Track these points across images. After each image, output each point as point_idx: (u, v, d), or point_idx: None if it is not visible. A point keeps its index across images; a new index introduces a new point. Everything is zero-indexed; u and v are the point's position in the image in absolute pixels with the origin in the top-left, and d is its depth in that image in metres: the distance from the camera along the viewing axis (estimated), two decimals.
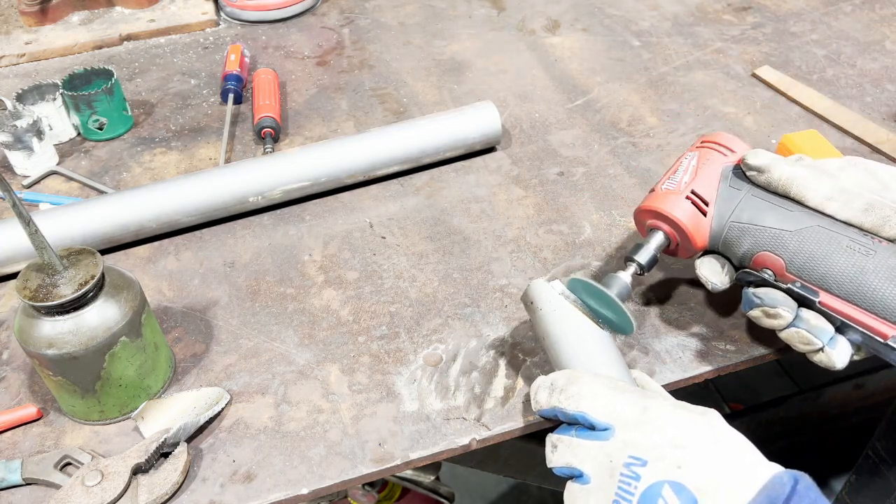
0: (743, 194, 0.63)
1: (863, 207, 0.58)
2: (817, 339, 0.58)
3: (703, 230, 0.64)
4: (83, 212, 0.80)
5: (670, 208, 0.64)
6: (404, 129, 0.88)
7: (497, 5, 1.26)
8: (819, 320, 0.59)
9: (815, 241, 0.59)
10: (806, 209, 0.60)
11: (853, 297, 0.58)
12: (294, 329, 0.73)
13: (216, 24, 1.23)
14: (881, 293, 0.56)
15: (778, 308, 0.59)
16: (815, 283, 0.59)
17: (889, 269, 0.56)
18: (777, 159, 0.62)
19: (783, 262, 0.60)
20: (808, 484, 0.46)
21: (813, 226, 0.59)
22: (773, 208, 0.61)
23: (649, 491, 0.48)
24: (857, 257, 0.57)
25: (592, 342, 0.59)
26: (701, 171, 0.65)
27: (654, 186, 0.66)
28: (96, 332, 0.60)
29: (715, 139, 0.67)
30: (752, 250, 0.62)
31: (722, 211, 0.63)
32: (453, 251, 0.80)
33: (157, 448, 0.60)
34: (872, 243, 0.57)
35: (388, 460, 0.62)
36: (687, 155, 0.67)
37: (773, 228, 0.61)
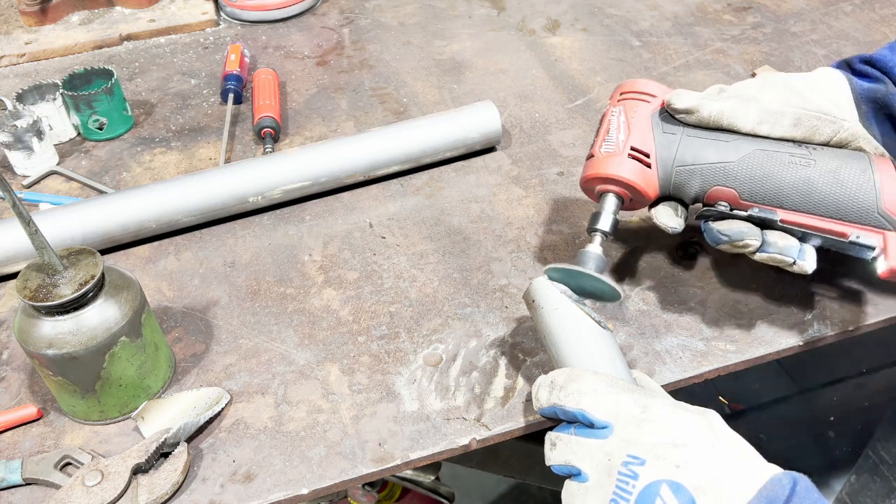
0: (679, 137, 0.64)
1: (792, 123, 0.62)
2: (788, 257, 0.61)
3: (652, 181, 0.65)
4: (83, 212, 0.80)
5: (616, 170, 0.64)
6: (404, 129, 0.88)
7: (497, 5, 1.26)
8: (784, 238, 0.62)
9: (759, 164, 0.62)
10: (741, 136, 0.63)
11: (807, 206, 0.61)
12: (294, 329, 0.73)
13: (216, 24, 1.23)
14: (830, 197, 0.60)
15: (745, 240, 0.62)
16: (769, 203, 0.62)
17: (829, 174, 0.60)
18: (700, 97, 0.64)
19: (735, 192, 0.63)
20: (807, 486, 0.46)
21: (752, 151, 0.62)
22: (711, 143, 0.63)
23: (647, 490, 0.48)
24: (799, 170, 0.61)
25: (593, 341, 0.59)
26: (632, 124, 0.65)
27: (592, 151, 0.67)
28: (96, 332, 0.60)
29: (633, 88, 0.67)
30: (703, 188, 0.64)
31: (664, 158, 0.64)
32: (453, 251, 0.80)
33: (157, 448, 0.60)
34: (809, 153, 0.61)
35: (388, 460, 0.62)
36: (612, 111, 0.67)
37: (717, 163, 0.63)
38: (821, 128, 0.61)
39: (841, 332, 0.70)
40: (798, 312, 0.71)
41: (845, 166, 0.60)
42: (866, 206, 0.60)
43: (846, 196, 0.60)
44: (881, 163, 0.61)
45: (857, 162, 0.61)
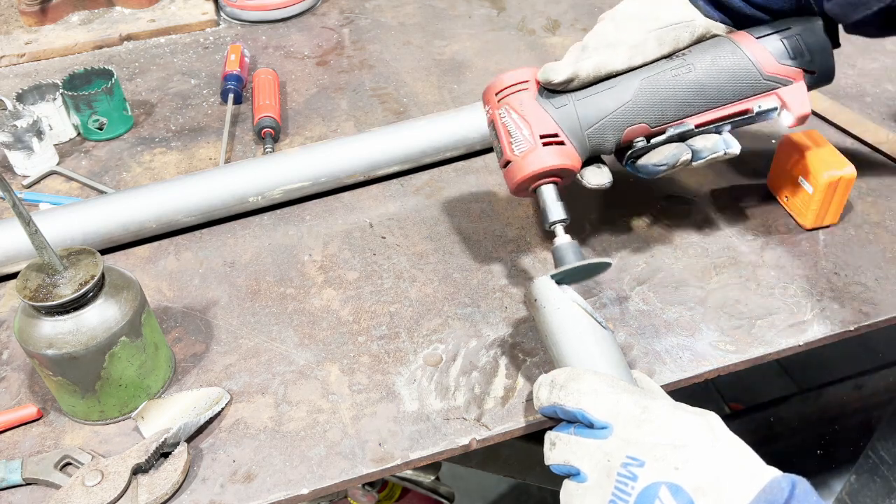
0: (572, 104, 0.67)
1: (656, 44, 0.67)
2: (718, 152, 0.67)
3: (573, 155, 0.67)
4: (83, 212, 0.80)
5: (541, 164, 0.66)
6: (404, 129, 0.88)
7: (497, 5, 1.26)
8: (707, 139, 0.68)
9: (651, 91, 0.66)
10: (623, 75, 0.67)
11: (708, 104, 0.67)
12: (294, 329, 0.73)
13: (216, 24, 1.23)
14: (721, 86, 0.66)
15: (679, 158, 0.67)
16: (676, 119, 0.67)
17: (709, 67, 0.66)
18: (572, 63, 0.66)
19: (645, 125, 0.67)
20: (806, 489, 0.46)
21: (639, 82, 0.66)
22: (602, 95, 0.67)
23: (646, 492, 0.48)
24: (685, 77, 0.66)
25: (594, 341, 0.59)
26: (526, 115, 0.67)
27: (506, 157, 0.67)
28: (96, 332, 0.60)
29: (503, 84, 0.68)
30: (617, 136, 0.68)
31: (572, 129, 0.67)
32: (453, 251, 0.80)
33: (157, 448, 0.60)
34: (684, 60, 0.67)
35: (388, 460, 0.62)
36: (499, 114, 0.68)
37: (617, 108, 0.66)
38: (680, 36, 0.67)
39: (841, 332, 0.70)
40: (798, 312, 0.71)
41: (718, 55, 0.67)
42: (752, 78, 0.67)
43: (733, 79, 0.66)
44: (741, 38, 0.68)
45: (724, 47, 0.67)
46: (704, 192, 0.86)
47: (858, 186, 0.84)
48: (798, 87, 0.68)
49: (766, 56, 0.67)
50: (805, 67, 0.68)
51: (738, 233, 0.80)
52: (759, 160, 0.88)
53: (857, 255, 0.77)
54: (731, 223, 0.81)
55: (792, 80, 0.68)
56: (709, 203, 0.84)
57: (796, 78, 0.68)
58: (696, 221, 0.82)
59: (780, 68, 0.67)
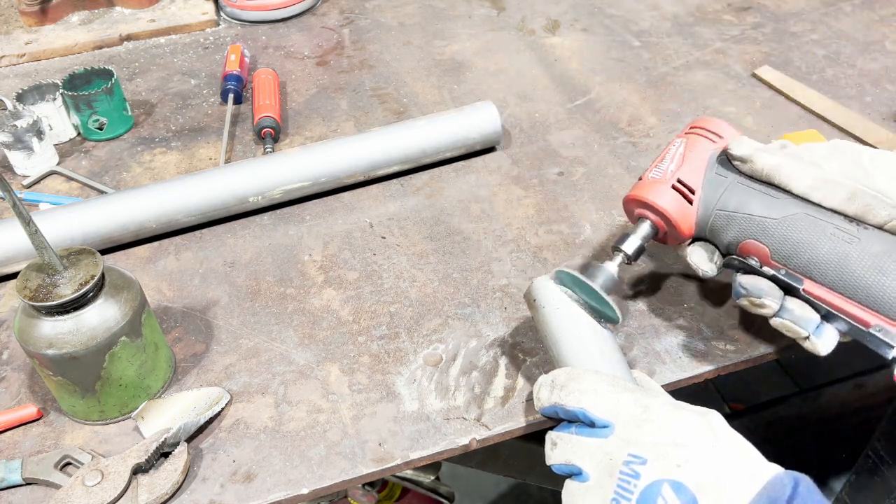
0: (728, 182, 0.63)
1: (846, 196, 0.58)
2: (803, 329, 0.59)
3: (690, 218, 0.64)
4: (83, 212, 0.80)
5: (655, 197, 0.64)
6: (404, 129, 0.88)
7: (497, 5, 1.26)
8: (804, 309, 0.59)
9: (800, 228, 0.59)
10: (791, 197, 0.61)
11: (837, 285, 0.58)
12: (294, 329, 0.73)
13: (216, 24, 1.23)
14: (864, 281, 0.56)
15: (763, 298, 0.59)
16: (799, 270, 0.60)
17: (872, 257, 0.56)
18: (760, 149, 0.62)
19: (768, 250, 0.61)
20: (809, 486, 0.46)
21: (798, 213, 0.60)
22: (758, 196, 0.62)
23: (649, 489, 0.48)
24: (840, 245, 0.57)
25: (594, 341, 0.59)
26: (688, 158, 0.65)
27: (643, 174, 0.67)
28: (96, 332, 0.60)
29: (703, 125, 0.67)
30: (737, 238, 0.62)
31: (708, 199, 0.64)
32: (453, 251, 0.80)
33: (157, 448, 0.60)
34: (857, 230, 0.58)
35: (388, 460, 0.62)
36: (675, 142, 0.67)
37: (758, 216, 0.61)
38: (876, 208, 0.57)
39: None
40: None
41: (891, 255, 0.56)
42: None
43: (883, 285, 0.56)
44: None
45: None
46: None
47: None
48: None
49: None
50: None
51: None
52: None
53: None
54: None
55: None
56: None
57: None
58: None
59: None
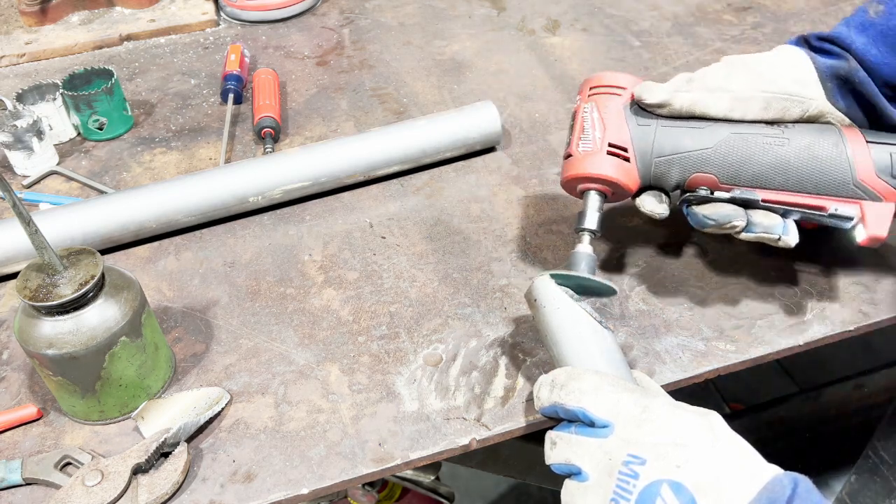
0: (654, 128, 0.65)
1: (762, 107, 0.63)
2: (773, 234, 0.63)
3: (633, 175, 0.65)
4: (83, 212, 0.80)
5: (597, 169, 0.65)
6: (404, 129, 0.88)
7: (497, 5, 1.26)
8: (767, 217, 0.63)
9: (735, 148, 0.63)
10: (714, 122, 0.64)
11: (785, 185, 0.63)
12: (294, 329, 0.73)
13: (216, 24, 1.23)
14: (806, 173, 0.62)
15: (732, 221, 0.63)
16: (748, 184, 0.64)
17: (804, 150, 0.62)
18: (671, 90, 0.64)
19: (715, 178, 0.64)
20: (809, 487, 0.46)
21: (727, 135, 0.63)
22: (686, 132, 0.64)
23: (648, 490, 0.48)
24: (775, 150, 0.63)
25: (594, 341, 0.59)
26: (607, 120, 0.65)
27: (569, 150, 0.67)
28: (96, 332, 0.60)
29: (602, 82, 0.67)
30: (683, 176, 0.65)
31: (642, 151, 0.65)
32: (453, 251, 0.80)
33: (157, 448, 0.60)
34: (782, 132, 0.63)
35: (388, 460, 0.62)
36: (584, 107, 0.67)
37: (695, 151, 0.64)
38: (790, 108, 0.63)
39: (841, 332, 0.70)
40: (798, 312, 0.71)
41: (818, 142, 0.62)
42: (842, 178, 0.62)
43: (822, 171, 0.62)
44: (851, 135, 0.63)
45: (828, 136, 0.63)
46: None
47: None
48: (885, 208, 0.62)
49: (867, 163, 0.62)
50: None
51: None
52: None
53: (858, 254, 0.76)
54: None
55: (882, 198, 0.62)
56: None
57: (888, 197, 0.63)
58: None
59: (875, 181, 0.62)
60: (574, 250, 0.65)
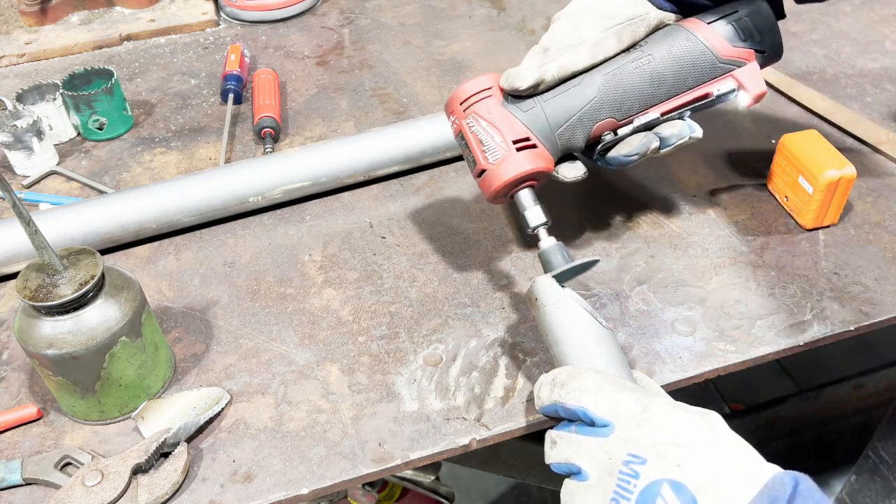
0: (539, 107, 0.67)
1: (615, 41, 0.68)
2: (684, 137, 0.69)
3: (546, 157, 0.68)
4: (83, 212, 0.80)
5: (517, 170, 0.66)
6: (404, 129, 0.88)
7: (497, 5, 1.26)
8: (672, 126, 0.69)
9: (613, 86, 0.67)
10: (586, 73, 0.68)
11: (669, 92, 0.69)
12: (294, 329, 0.73)
13: (216, 24, 1.23)
14: (680, 74, 0.68)
15: (649, 146, 0.68)
16: (642, 109, 0.69)
17: (668, 56, 0.68)
18: (536, 68, 0.67)
19: (612, 119, 0.68)
20: (810, 485, 0.46)
21: (602, 78, 0.67)
22: (569, 94, 0.67)
23: (648, 489, 0.48)
24: (644, 69, 0.68)
25: (595, 340, 0.59)
26: (496, 123, 0.67)
27: (481, 167, 0.67)
28: (96, 332, 0.60)
29: (468, 94, 0.68)
30: (586, 133, 0.68)
31: (542, 131, 0.67)
32: (453, 251, 0.80)
33: (157, 448, 0.60)
34: (642, 52, 0.68)
35: (388, 460, 0.62)
36: (467, 123, 0.68)
37: (584, 106, 0.67)
38: (637, 30, 0.68)
39: (841, 332, 0.70)
40: (798, 312, 0.71)
41: (674, 44, 0.68)
42: (709, 63, 0.68)
43: (691, 65, 0.68)
44: (693, 25, 0.69)
45: (678, 35, 0.69)
46: (704, 192, 0.86)
47: (858, 186, 0.84)
48: (751, 68, 0.69)
49: (720, 40, 0.68)
50: (756, 48, 0.69)
51: (738, 233, 0.80)
52: (759, 160, 0.88)
53: (857, 255, 0.77)
54: (731, 223, 0.81)
55: (745, 62, 0.69)
56: (709, 203, 0.84)
57: (749, 59, 0.69)
58: (696, 221, 0.82)
59: (733, 51, 0.68)
60: (542, 248, 0.66)
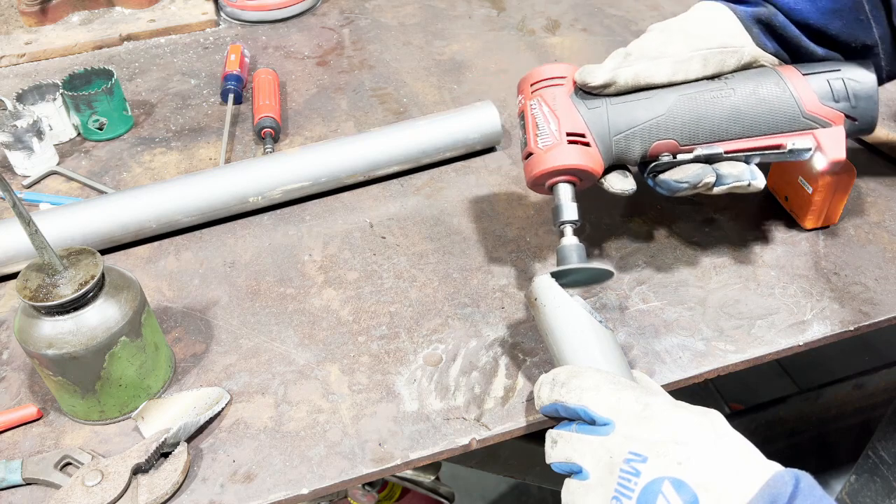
0: (605, 108, 0.66)
1: (701, 64, 0.65)
2: (743, 181, 0.65)
3: (596, 158, 0.66)
4: (83, 212, 0.80)
5: (563, 161, 0.65)
6: (404, 129, 0.88)
7: (497, 5, 1.26)
8: (733, 167, 0.66)
9: (686, 109, 0.65)
10: (661, 88, 0.66)
11: (741, 132, 0.65)
12: (294, 329, 0.73)
13: (216, 24, 1.23)
14: (757, 117, 0.65)
15: (703, 179, 0.65)
16: (707, 140, 0.66)
17: (750, 95, 0.65)
18: (612, 68, 0.65)
19: (674, 142, 0.66)
20: (811, 483, 0.46)
21: (676, 98, 0.65)
22: (637, 104, 0.66)
23: (649, 487, 0.48)
24: (723, 101, 0.65)
25: (595, 340, 0.59)
26: (557, 111, 0.66)
27: (529, 148, 0.67)
28: (96, 332, 0.60)
29: (541, 76, 0.68)
30: (644, 147, 0.66)
31: (600, 133, 0.66)
32: (453, 251, 0.80)
33: (157, 448, 0.60)
34: (726, 83, 0.65)
35: (388, 460, 0.62)
36: (531, 105, 0.67)
37: (649, 120, 0.65)
38: (727, 60, 0.66)
39: (841, 332, 0.70)
40: (798, 312, 0.71)
41: (761, 85, 0.65)
42: (791, 113, 0.65)
43: (772, 111, 0.65)
44: (788, 72, 0.66)
45: (769, 78, 0.66)
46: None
47: (858, 186, 0.84)
48: (836, 132, 0.65)
49: (810, 94, 0.65)
50: (847, 113, 0.66)
51: (738, 233, 0.80)
52: None
53: (857, 255, 0.77)
54: (732, 223, 0.81)
55: (831, 123, 0.66)
56: (709, 203, 0.84)
57: (836, 121, 0.66)
58: (697, 221, 0.82)
59: (821, 109, 0.65)
60: (560, 245, 0.65)
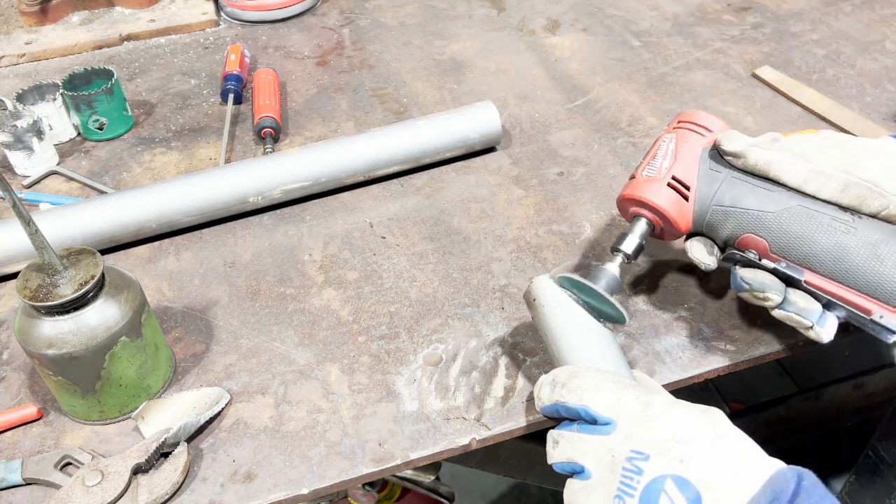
0: (723, 177, 0.63)
1: (840, 188, 0.59)
2: (806, 320, 0.60)
3: (687, 215, 0.64)
4: (83, 212, 0.80)
5: (652, 196, 0.64)
6: (404, 129, 0.88)
7: (497, 5, 1.26)
8: (806, 301, 0.60)
9: (797, 221, 0.60)
10: (786, 190, 0.61)
11: (836, 275, 0.59)
12: (294, 329, 0.73)
13: (216, 24, 1.23)
14: (862, 270, 0.57)
15: (766, 292, 0.60)
16: (799, 262, 0.60)
17: (869, 247, 0.57)
18: (752, 143, 0.62)
19: (767, 244, 0.61)
20: (814, 480, 0.46)
21: (794, 206, 0.60)
22: (753, 190, 0.62)
23: (652, 485, 0.48)
24: (838, 235, 0.58)
25: (595, 340, 0.59)
26: (680, 154, 0.64)
27: (635, 172, 0.66)
28: (96, 332, 0.60)
29: (691, 119, 0.67)
30: (735, 232, 0.63)
31: (704, 194, 0.63)
32: (453, 251, 0.80)
33: (158, 448, 0.60)
34: (852, 220, 0.58)
35: (388, 460, 0.62)
36: (665, 137, 0.66)
37: (755, 210, 0.61)
38: (869, 199, 0.58)
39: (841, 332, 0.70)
40: None
41: (887, 242, 0.57)
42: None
43: (881, 273, 0.57)
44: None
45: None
46: None
47: None
48: None
49: None
50: None
51: None
52: None
53: None
54: None
55: None
56: None
57: None
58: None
59: None
60: (601, 266, 0.63)
